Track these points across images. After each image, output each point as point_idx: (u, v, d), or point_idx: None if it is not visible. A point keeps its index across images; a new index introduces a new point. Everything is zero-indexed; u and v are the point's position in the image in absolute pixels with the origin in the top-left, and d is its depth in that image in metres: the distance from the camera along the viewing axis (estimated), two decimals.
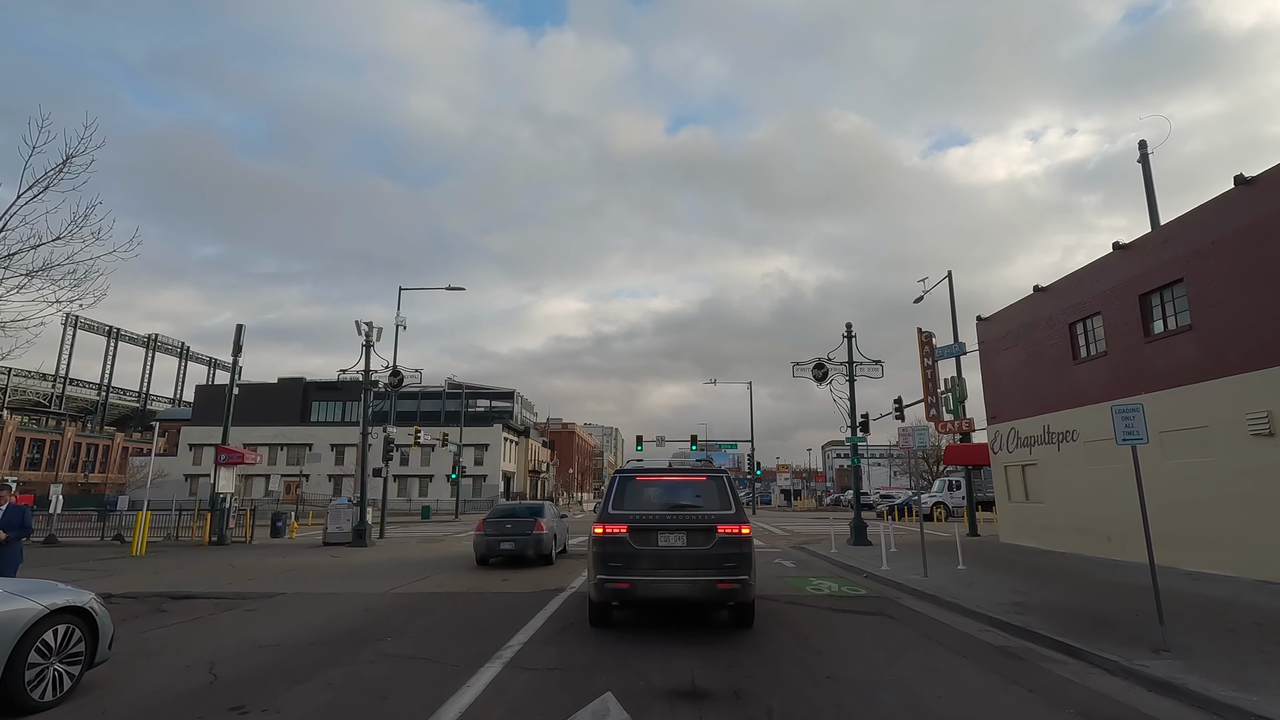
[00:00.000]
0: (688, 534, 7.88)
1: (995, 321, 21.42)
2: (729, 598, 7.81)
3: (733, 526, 7.89)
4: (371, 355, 22.39)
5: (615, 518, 8.01)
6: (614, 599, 7.96)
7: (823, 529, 31.26)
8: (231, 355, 29.69)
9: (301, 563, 16.41)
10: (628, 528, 7.89)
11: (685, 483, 8.66)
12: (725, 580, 7.67)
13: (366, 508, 21.32)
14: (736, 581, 7.69)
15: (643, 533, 7.88)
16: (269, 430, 65.80)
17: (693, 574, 7.72)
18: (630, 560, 7.76)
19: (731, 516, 8.00)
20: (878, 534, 21.65)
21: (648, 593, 7.74)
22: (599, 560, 7.86)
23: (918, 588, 11.51)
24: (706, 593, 7.70)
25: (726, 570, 7.70)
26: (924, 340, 24.89)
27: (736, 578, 7.69)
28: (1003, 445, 20.61)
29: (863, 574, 14.10)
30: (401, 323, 29.06)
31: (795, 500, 66.95)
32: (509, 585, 12.38)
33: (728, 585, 7.68)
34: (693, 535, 7.87)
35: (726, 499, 8.24)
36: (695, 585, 7.69)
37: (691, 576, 7.71)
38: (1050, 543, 18.01)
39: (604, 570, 7.81)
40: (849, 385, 21.05)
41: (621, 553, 7.79)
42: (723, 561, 7.72)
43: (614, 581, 7.76)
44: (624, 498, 8.36)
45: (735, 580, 7.69)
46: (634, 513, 8.07)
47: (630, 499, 8.34)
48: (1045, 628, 8.07)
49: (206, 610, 9.81)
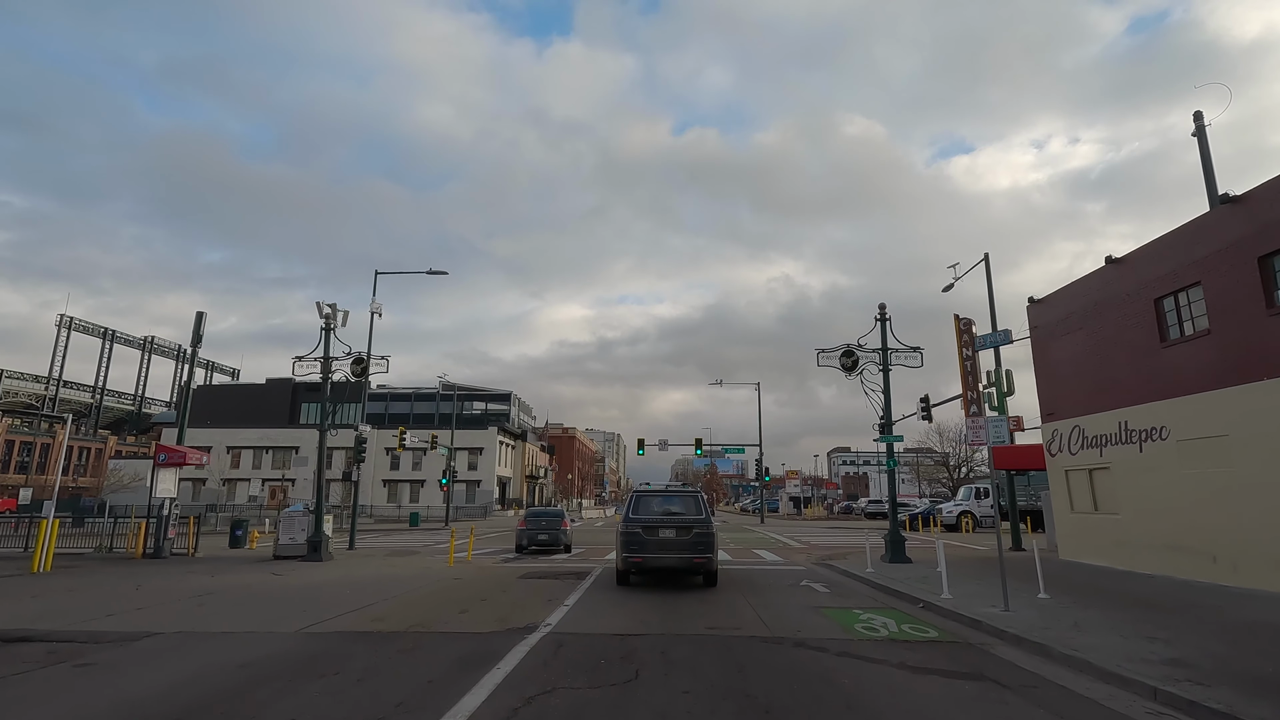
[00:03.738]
0: (676, 529, 12.39)
1: (1052, 303, 18.51)
2: (701, 569, 12.51)
3: (703, 526, 12.45)
4: (333, 341, 19.52)
5: (633, 520, 12.51)
6: (632, 568, 12.42)
7: (844, 540, 28.32)
8: (190, 346, 26.95)
9: (227, 584, 13.54)
10: (641, 526, 12.39)
11: (675, 496, 13.47)
12: (699, 557, 12.27)
13: (323, 516, 18.44)
14: (705, 558, 12.32)
15: (649, 528, 12.37)
16: (254, 432, 63.07)
17: (679, 553, 12.26)
18: (642, 544, 12.26)
19: (702, 520, 12.57)
20: (916, 548, 18.72)
21: (652, 564, 12.30)
22: (624, 544, 12.38)
23: (1007, 628, 8.59)
24: (688, 565, 12.37)
25: (699, 551, 12.27)
26: (962, 328, 21.84)
27: (705, 555, 12.31)
28: (1062, 446, 17.67)
29: (918, 603, 11.18)
30: (376, 310, 26.32)
31: (805, 508, 63.78)
32: (468, 620, 9.50)
33: (700, 560, 12.31)
34: (679, 530, 12.38)
35: (700, 508, 12.96)
36: (681, 559, 12.27)
37: (678, 554, 12.26)
38: (1128, 562, 15.07)
39: (626, 550, 12.34)
40: (883, 376, 18.14)
41: (637, 540, 12.28)
42: (697, 546, 12.27)
43: (633, 557, 12.26)
44: (638, 507, 12.90)
45: (704, 557, 12.31)
46: (644, 517, 12.59)
47: (642, 508, 12.90)
48: (1263, 714, 5.15)
49: (32, 662, 6.96)
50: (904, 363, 18.13)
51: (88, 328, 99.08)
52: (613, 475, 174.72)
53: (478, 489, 63.99)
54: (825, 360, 18.24)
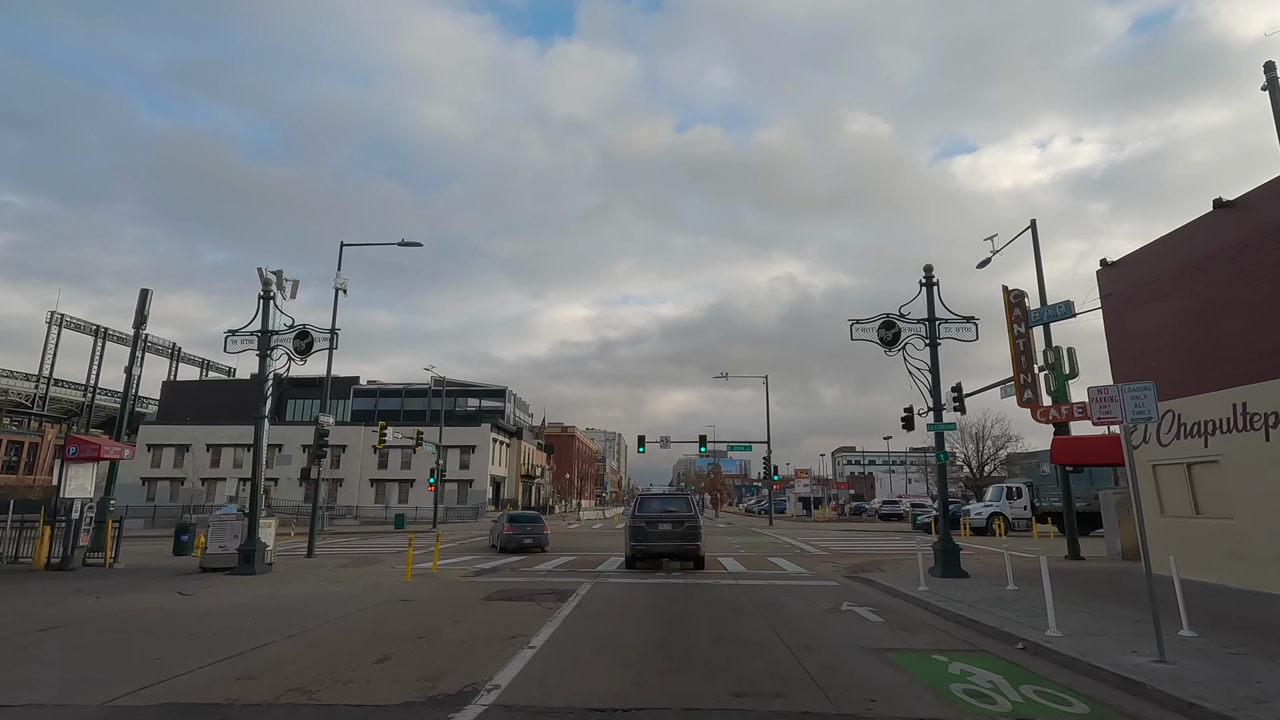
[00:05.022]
0: (671, 524, 16.13)
1: (1133, 265, 15.47)
2: (692, 554, 16.06)
3: (692, 521, 16.24)
4: (274, 313, 16.50)
5: (638, 517, 16.48)
6: (637, 554, 16.18)
7: (868, 546, 25.26)
8: (134, 327, 24.08)
9: (107, 610, 10.53)
10: (645, 521, 16.26)
11: (671, 498, 18.07)
12: (689, 545, 15.93)
13: (258, 521, 15.41)
14: (694, 545, 15.94)
15: (651, 523, 16.22)
16: (235, 429, 59.94)
17: (674, 541, 15.98)
18: (645, 535, 16.09)
19: (691, 516, 16.42)
20: (971, 558, 15.58)
21: (654, 551, 16.10)
22: (631, 535, 16.32)
23: (1195, 698, 5.56)
24: (682, 551, 16.00)
25: (690, 540, 15.94)
26: (1012, 302, 18.90)
27: (695, 543, 15.95)
28: (1149, 435, 14.61)
29: (1016, 643, 8.14)
30: (341, 285, 23.36)
31: (815, 509, 60.63)
32: (380, 677, 6.48)
33: (690, 547, 15.94)
34: (674, 523, 16.12)
35: (690, 507, 16.95)
36: (676, 547, 15.99)
37: (674, 542, 15.98)
38: (1247, 578, 12.02)
39: (634, 540, 16.19)
40: (930, 351, 15.09)
41: (642, 532, 16.12)
42: (688, 535, 15.96)
43: (639, 545, 16.08)
44: (642, 507, 17.09)
45: (694, 544, 15.95)
46: (647, 514, 16.55)
47: (645, 507, 17.04)
48: None
49: None
50: (956, 335, 15.07)
51: (79, 325, 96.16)
52: (614, 475, 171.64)
53: (470, 489, 60.94)
54: (861, 333, 15.18)
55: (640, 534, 16.03)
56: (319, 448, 22.36)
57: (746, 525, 47.37)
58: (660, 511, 16.47)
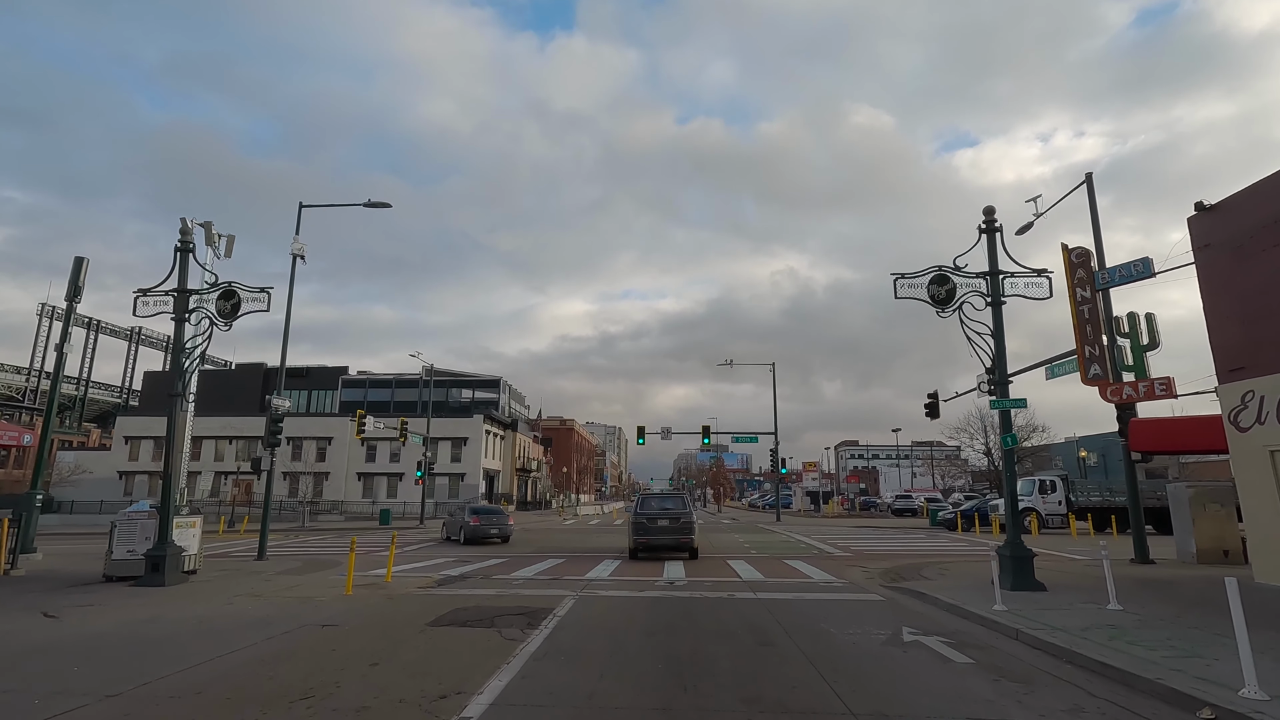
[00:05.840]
0: (669, 520, 17.76)
1: (1237, 208, 12.66)
2: (687, 546, 17.62)
3: (687, 517, 17.90)
4: (194, 269, 13.67)
5: (640, 513, 18.17)
6: (639, 547, 17.66)
7: (891, 546, 22.51)
8: (66, 300, 21.44)
9: None
10: (645, 518, 17.89)
11: (669, 496, 20.49)
12: (684, 538, 17.55)
13: (170, 521, 12.64)
14: (689, 538, 17.54)
15: (651, 519, 17.82)
16: (217, 421, 57.22)
17: (672, 535, 17.60)
18: (646, 530, 17.65)
19: (686, 513, 18.11)
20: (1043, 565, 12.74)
21: (654, 544, 17.65)
22: (634, 529, 17.87)
23: None
24: (678, 544, 17.63)
25: (685, 533, 17.55)
26: (1075, 261, 16.04)
27: (689, 536, 17.54)
28: (1263, 415, 11.83)
29: (1197, 707, 5.38)
30: (299, 251, 20.59)
31: (824, 504, 57.87)
32: None
33: (685, 540, 17.54)
34: (672, 519, 17.77)
35: (685, 505, 18.90)
36: (673, 540, 17.59)
37: (671, 536, 17.59)
38: None
39: (635, 534, 17.75)
40: (992, 311, 12.29)
41: (643, 527, 17.70)
42: (684, 530, 17.56)
43: (640, 539, 17.61)
44: (643, 505, 18.99)
45: (689, 538, 17.54)
46: (647, 511, 18.32)
47: (645, 505, 18.91)
48: None
49: None
50: (1023, 292, 12.27)
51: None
52: (614, 469, 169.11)
53: (461, 483, 58.18)
54: (908, 289, 12.36)
55: (641, 529, 17.85)
56: (271, 435, 19.62)
57: (752, 521, 44.67)
58: (659, 509, 18.52)
